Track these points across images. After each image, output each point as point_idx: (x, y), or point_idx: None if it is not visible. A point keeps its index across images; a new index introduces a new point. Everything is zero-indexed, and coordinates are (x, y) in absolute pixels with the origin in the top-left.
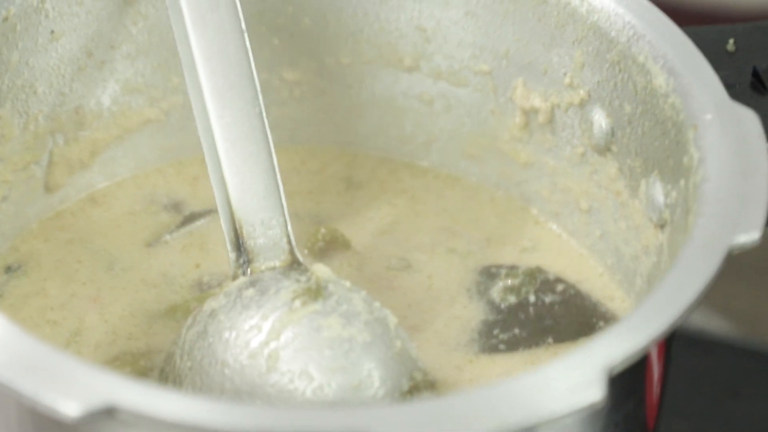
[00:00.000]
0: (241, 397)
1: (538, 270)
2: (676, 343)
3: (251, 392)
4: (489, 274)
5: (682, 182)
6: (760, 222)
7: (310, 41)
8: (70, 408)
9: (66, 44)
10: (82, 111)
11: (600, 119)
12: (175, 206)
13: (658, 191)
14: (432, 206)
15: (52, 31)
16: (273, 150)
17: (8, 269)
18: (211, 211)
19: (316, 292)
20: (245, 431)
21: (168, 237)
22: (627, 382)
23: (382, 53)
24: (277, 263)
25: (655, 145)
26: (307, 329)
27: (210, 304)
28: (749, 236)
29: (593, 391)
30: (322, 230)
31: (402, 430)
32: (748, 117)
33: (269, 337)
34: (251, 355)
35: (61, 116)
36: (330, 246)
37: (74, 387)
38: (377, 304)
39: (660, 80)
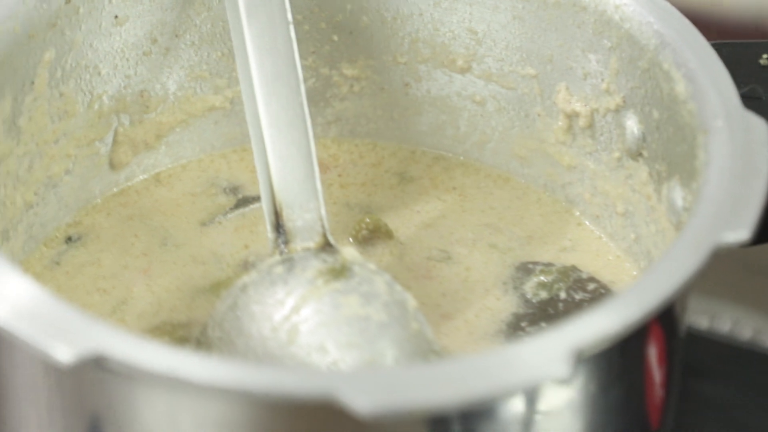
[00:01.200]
0: None
1: (573, 268)
2: (735, 356)
3: (272, 363)
4: (525, 269)
5: (694, 185)
6: (751, 222)
7: (368, 39)
8: (62, 354)
9: (130, 29)
10: (147, 94)
11: (632, 125)
12: (234, 190)
13: (677, 195)
14: (479, 203)
15: (116, 16)
16: (312, 138)
17: (69, 239)
18: None
19: (339, 272)
20: (223, 386)
21: (222, 218)
22: (609, 368)
23: (436, 53)
24: (312, 245)
25: (676, 150)
26: (328, 306)
27: (243, 280)
28: (738, 235)
29: (559, 368)
30: (366, 219)
31: (369, 395)
32: (758, 125)
33: (291, 312)
34: (273, 329)
35: (125, 98)
36: (373, 234)
37: (69, 336)
38: (399, 287)
39: (681, 87)
